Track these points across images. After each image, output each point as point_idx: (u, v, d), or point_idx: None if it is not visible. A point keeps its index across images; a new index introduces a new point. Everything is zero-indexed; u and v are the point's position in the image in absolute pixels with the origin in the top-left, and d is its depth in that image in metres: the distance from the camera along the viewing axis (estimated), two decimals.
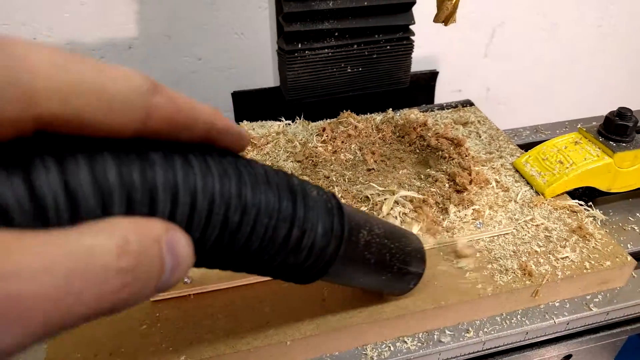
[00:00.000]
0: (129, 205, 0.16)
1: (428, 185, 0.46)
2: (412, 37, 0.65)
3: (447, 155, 0.48)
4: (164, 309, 0.36)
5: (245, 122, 0.53)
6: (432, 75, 0.76)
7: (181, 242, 0.17)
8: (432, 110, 0.62)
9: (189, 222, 0.18)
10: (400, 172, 0.48)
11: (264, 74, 0.97)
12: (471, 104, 0.67)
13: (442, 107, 0.66)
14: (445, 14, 0.39)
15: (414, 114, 0.54)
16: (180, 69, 0.91)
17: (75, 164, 0.15)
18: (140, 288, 0.15)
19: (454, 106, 0.64)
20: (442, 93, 0.92)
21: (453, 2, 0.38)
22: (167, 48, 0.87)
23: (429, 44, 0.97)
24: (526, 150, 0.54)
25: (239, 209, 0.20)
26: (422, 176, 0.48)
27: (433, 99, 0.77)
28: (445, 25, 0.41)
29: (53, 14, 0.77)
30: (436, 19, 0.41)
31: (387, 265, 0.32)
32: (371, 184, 0.44)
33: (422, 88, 0.76)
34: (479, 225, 0.42)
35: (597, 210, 0.47)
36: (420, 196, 0.42)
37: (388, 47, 0.64)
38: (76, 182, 0.15)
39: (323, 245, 0.25)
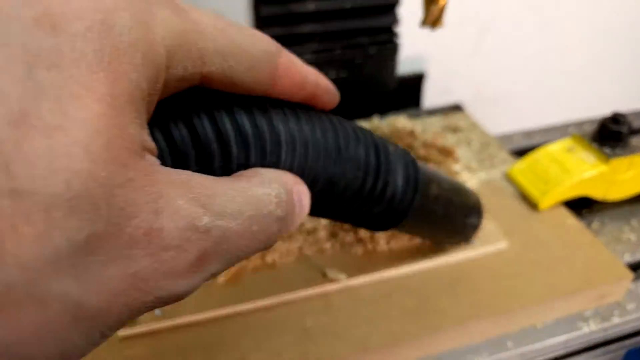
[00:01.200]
0: (262, 155, 0.18)
1: None
2: (396, 40, 0.62)
3: (436, 165, 0.45)
4: (134, 346, 0.33)
5: None
6: (419, 78, 0.74)
7: (305, 193, 0.19)
8: (419, 117, 0.60)
9: (302, 172, 0.20)
10: None
11: None
12: (460, 108, 0.65)
13: (430, 113, 0.63)
14: (432, 18, 0.37)
15: (400, 121, 0.51)
16: None
17: (222, 116, 0.17)
18: (284, 231, 0.18)
19: (442, 111, 0.61)
20: (430, 93, 0.90)
21: (439, 6, 0.36)
22: None
23: (415, 43, 0.94)
24: (519, 157, 0.52)
25: (339, 162, 0.22)
26: None
27: (419, 101, 0.75)
28: (433, 29, 0.38)
29: None
30: (423, 23, 0.39)
31: (452, 218, 0.35)
32: None
33: (408, 91, 0.73)
34: (471, 243, 0.40)
35: (592, 219, 0.45)
36: None
37: (372, 50, 0.62)
38: (226, 131, 0.17)
39: (402, 196, 0.28)
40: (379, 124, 0.51)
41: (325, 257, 0.39)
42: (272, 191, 0.16)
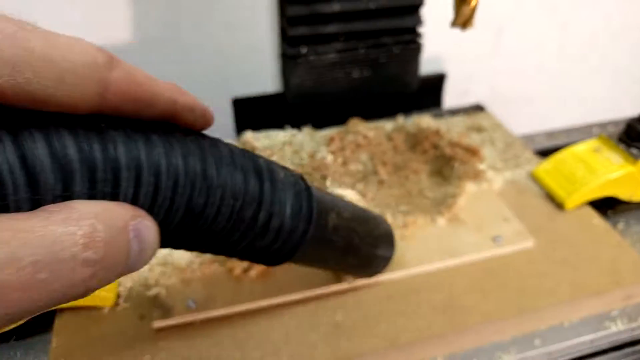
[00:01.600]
0: (91, 184, 0.16)
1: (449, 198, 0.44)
2: (420, 40, 0.63)
3: (461, 165, 0.46)
4: (168, 338, 0.34)
5: (249, 132, 0.51)
6: (440, 78, 0.74)
7: (148, 228, 0.17)
8: (442, 116, 0.60)
9: (153, 203, 0.18)
10: (413, 184, 0.46)
11: (262, 77, 0.95)
12: (482, 108, 0.65)
13: (452, 112, 0.63)
14: (463, 19, 0.37)
15: (425, 121, 0.52)
16: (175, 72, 0.89)
17: (31, 138, 0.14)
18: (106, 275, 0.15)
19: (465, 111, 0.62)
20: (447, 94, 0.90)
21: (471, 6, 0.36)
22: (161, 51, 0.85)
23: (433, 43, 0.95)
24: (543, 157, 0.52)
25: (204, 190, 0.20)
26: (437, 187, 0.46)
27: (440, 101, 0.75)
28: (463, 30, 0.39)
29: (50, 15, 0.74)
30: (454, 24, 0.39)
31: (355, 249, 0.32)
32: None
33: (429, 91, 0.74)
34: (498, 241, 0.40)
35: (617, 219, 0.45)
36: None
37: (395, 50, 0.62)
38: (34, 156, 0.14)
39: (291, 228, 0.25)
40: (403, 123, 0.52)
41: None
42: (78, 229, 0.14)
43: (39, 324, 0.37)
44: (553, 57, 1.16)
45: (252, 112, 0.66)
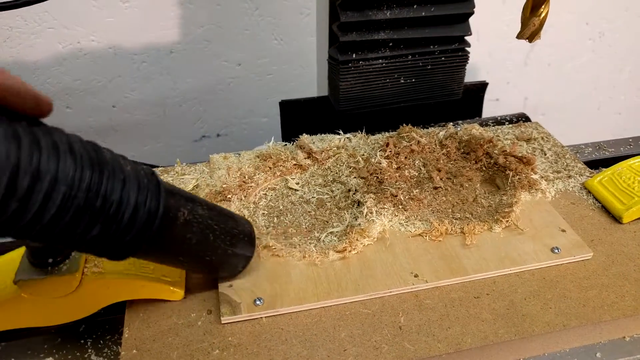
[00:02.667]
0: None
1: (504, 207, 0.44)
2: (467, 49, 0.63)
3: (514, 174, 0.46)
4: (236, 333, 0.35)
5: (305, 135, 0.52)
6: (482, 87, 0.74)
7: None
8: (488, 124, 0.60)
9: None
10: (468, 191, 0.46)
11: (304, 81, 0.96)
12: (528, 118, 0.65)
13: (497, 121, 0.64)
14: (531, 30, 0.38)
15: (475, 129, 0.52)
16: (219, 74, 0.90)
17: None
18: None
19: (513, 121, 0.62)
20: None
21: (540, 18, 0.37)
22: (207, 53, 0.86)
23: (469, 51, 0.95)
24: (590, 169, 0.52)
25: (28, 174, 0.20)
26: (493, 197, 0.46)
27: (481, 110, 0.75)
28: (530, 42, 0.39)
29: (96, 18, 0.76)
30: (520, 36, 0.39)
31: (210, 246, 0.33)
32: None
33: (470, 99, 0.74)
34: (556, 251, 0.41)
35: None
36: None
37: (443, 58, 0.63)
38: None
39: (133, 220, 0.26)
40: (455, 131, 0.52)
41: (412, 259, 0.40)
42: None
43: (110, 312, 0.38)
44: (586, 67, 1.15)
45: (297, 114, 0.67)
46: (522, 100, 1.18)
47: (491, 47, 1.09)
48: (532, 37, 0.39)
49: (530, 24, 0.37)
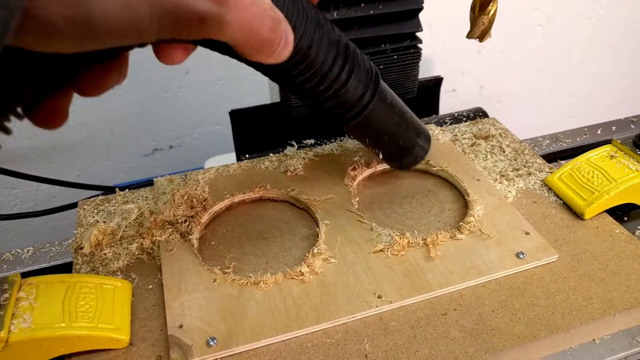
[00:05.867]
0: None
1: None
2: (419, 45, 0.61)
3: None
4: None
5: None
6: (437, 82, 0.73)
7: (290, 33, 0.26)
8: (445, 122, 0.59)
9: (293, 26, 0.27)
10: (432, 203, 0.44)
11: (256, 87, 0.93)
12: (485, 113, 0.64)
13: (455, 118, 0.62)
14: (481, 29, 0.36)
15: (432, 130, 0.50)
16: (168, 82, 0.86)
17: None
18: (275, 37, 0.25)
19: (470, 117, 0.61)
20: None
21: (490, 16, 0.35)
22: (154, 61, 0.82)
23: (423, 45, 0.94)
24: (549, 162, 0.51)
25: (318, 31, 0.30)
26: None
27: (438, 106, 0.74)
28: (481, 41, 0.38)
29: None
30: (470, 35, 0.38)
31: (404, 130, 0.39)
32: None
33: (427, 95, 0.72)
34: (521, 256, 0.39)
35: (636, 225, 0.45)
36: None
37: (395, 56, 0.61)
38: None
39: (362, 91, 0.34)
40: None
41: (374, 278, 0.38)
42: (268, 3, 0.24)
43: None
44: (538, 53, 1.16)
45: (248, 123, 0.64)
46: (479, 89, 1.19)
47: (444, 38, 1.08)
48: (482, 36, 0.37)
49: (480, 22, 0.36)
